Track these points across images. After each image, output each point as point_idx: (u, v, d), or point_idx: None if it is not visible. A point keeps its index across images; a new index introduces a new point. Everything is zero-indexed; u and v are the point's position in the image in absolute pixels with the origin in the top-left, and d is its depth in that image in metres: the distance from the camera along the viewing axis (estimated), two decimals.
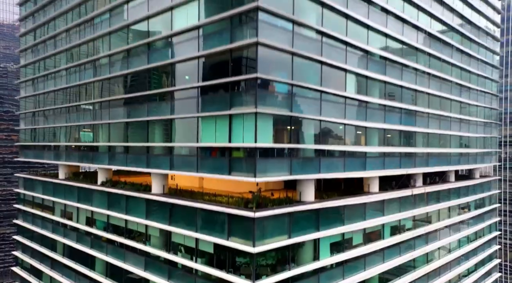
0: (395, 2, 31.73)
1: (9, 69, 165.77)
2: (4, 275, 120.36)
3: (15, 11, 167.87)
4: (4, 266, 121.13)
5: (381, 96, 31.07)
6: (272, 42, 21.76)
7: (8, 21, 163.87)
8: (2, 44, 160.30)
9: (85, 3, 35.12)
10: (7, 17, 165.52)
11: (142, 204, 29.14)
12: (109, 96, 32.63)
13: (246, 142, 21.60)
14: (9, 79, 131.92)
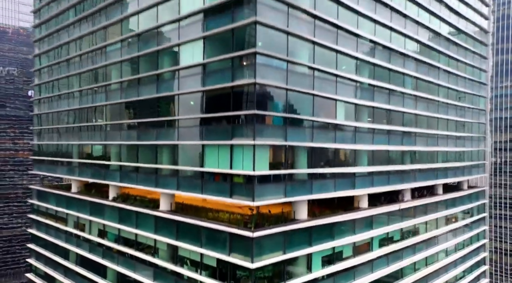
0: (384, 35, 34.54)
1: (16, 74, 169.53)
2: (15, 275, 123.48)
3: (21, 17, 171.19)
4: (12, 267, 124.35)
5: (369, 120, 33.90)
6: (268, 81, 24.64)
7: (14, 25, 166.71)
8: (7, 47, 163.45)
9: (96, 33, 38.04)
10: (12, 22, 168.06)
11: (151, 219, 32.01)
12: (121, 120, 35.54)
13: (245, 170, 24.46)
14: (14, 84, 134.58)
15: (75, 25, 41.37)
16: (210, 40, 27.14)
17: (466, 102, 49.62)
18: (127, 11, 34.06)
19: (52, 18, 45.68)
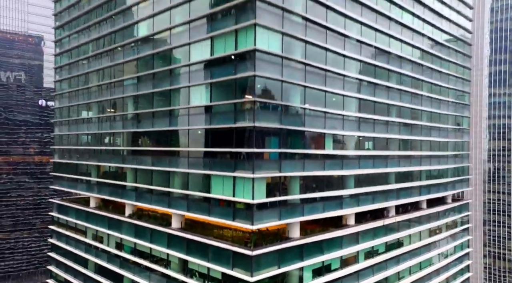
0: (370, 35, 39.01)
1: (23, 80, 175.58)
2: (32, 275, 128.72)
3: (30, 26, 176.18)
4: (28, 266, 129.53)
5: (356, 148, 38.53)
6: (265, 123, 29.32)
7: (23, 32, 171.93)
8: (15, 53, 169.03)
9: (114, 67, 42.86)
10: (22, 29, 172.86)
11: (164, 235, 36.73)
12: (137, 146, 40.33)
13: (246, 198, 29.14)
14: (25, 95, 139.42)
15: (95, 57, 46.20)
16: (216, 86, 31.86)
17: (449, 124, 54.18)
18: (145, 52, 38.77)
19: (73, 49, 50.53)
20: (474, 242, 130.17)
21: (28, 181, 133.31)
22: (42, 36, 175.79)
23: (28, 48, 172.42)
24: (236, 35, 29.71)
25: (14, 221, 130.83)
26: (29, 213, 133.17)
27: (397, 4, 42.61)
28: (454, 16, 53.41)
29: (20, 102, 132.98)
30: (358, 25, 37.99)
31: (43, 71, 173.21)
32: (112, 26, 42.90)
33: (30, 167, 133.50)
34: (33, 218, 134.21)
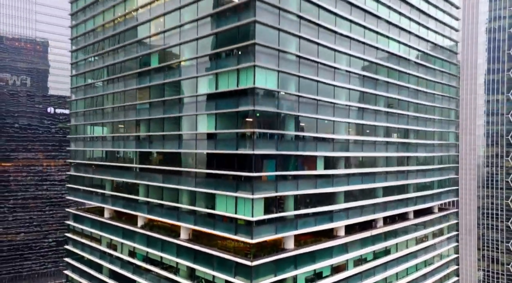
0: (358, 63, 43.44)
1: (28, 85, 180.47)
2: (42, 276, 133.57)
3: (38, 34, 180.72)
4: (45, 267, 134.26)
5: (346, 167, 42.90)
6: (263, 151, 33.73)
7: (29, 35, 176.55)
8: (21, 58, 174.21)
9: (127, 92, 47.38)
10: (29, 33, 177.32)
11: (173, 245, 41.20)
12: (148, 165, 44.82)
13: (246, 216, 33.58)
14: (35, 102, 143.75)
15: (110, 81, 50.76)
16: (220, 115, 36.31)
17: (436, 139, 58.48)
18: (157, 80, 43.26)
19: (88, 72, 55.09)
20: (469, 246, 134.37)
21: (38, 184, 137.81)
22: (48, 42, 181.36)
23: (34, 53, 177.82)
24: (238, 73, 34.16)
25: (25, 225, 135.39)
26: (39, 217, 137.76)
27: (384, 34, 46.93)
28: (440, 27, 57.55)
29: (29, 109, 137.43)
30: (346, 57, 42.34)
31: (48, 77, 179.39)
32: (126, 55, 47.42)
33: (39, 172, 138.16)
34: (42, 221, 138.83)
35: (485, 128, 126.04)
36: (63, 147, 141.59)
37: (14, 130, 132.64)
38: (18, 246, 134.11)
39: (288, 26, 35.36)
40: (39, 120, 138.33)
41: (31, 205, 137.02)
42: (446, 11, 58.59)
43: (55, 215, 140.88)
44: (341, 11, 40.73)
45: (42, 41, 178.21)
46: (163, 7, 42.11)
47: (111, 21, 49.83)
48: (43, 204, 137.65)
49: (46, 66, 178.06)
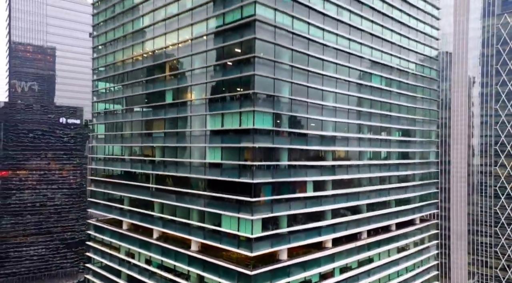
0: (344, 100, 50.64)
1: (36, 90, 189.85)
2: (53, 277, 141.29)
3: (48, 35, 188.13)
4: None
5: (333, 188, 49.98)
6: (261, 179, 40.90)
7: (40, 43, 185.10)
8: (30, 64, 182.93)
9: (144, 121, 54.62)
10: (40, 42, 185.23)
11: (185, 256, 48.39)
12: (163, 185, 52.07)
13: (246, 233, 40.77)
14: (48, 115, 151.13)
15: (128, 110, 58.07)
16: (225, 148, 43.54)
17: (417, 158, 65.53)
18: (171, 114, 50.50)
19: (108, 100, 62.48)
20: (460, 250, 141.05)
21: (49, 190, 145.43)
22: (55, 50, 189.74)
23: (44, 62, 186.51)
24: (240, 115, 41.37)
25: (37, 228, 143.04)
26: (51, 221, 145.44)
27: (370, 73, 54.10)
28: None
29: (42, 119, 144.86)
30: (333, 95, 49.49)
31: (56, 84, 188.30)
32: (143, 89, 54.73)
33: (51, 179, 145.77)
34: (54, 226, 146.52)
35: (472, 140, 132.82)
36: (74, 155, 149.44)
37: (29, 140, 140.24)
38: (31, 248, 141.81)
39: (281, 75, 42.57)
40: (51, 130, 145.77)
41: (44, 210, 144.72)
42: (426, 43, 65.72)
43: (65, 219, 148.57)
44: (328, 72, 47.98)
45: (50, 48, 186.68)
46: (177, 52, 49.41)
47: (130, 58, 57.14)
48: (55, 210, 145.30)
49: (53, 72, 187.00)
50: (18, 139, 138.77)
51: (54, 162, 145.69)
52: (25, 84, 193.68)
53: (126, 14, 57.54)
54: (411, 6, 61.81)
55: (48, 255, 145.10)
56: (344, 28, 50.22)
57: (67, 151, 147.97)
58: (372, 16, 54.45)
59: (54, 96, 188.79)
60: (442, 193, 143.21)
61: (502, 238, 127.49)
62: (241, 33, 40.96)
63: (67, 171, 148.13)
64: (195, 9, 46.41)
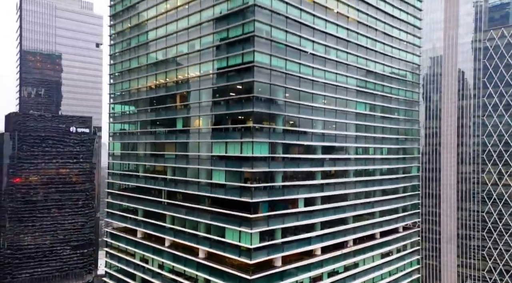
0: (331, 127, 58.33)
1: (42, 95, 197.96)
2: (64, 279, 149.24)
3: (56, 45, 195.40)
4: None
5: (322, 203, 57.61)
6: (259, 199, 48.59)
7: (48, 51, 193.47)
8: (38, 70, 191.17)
9: (156, 144, 62.36)
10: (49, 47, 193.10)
11: (194, 262, 56.09)
12: (174, 200, 59.76)
13: (246, 244, 48.47)
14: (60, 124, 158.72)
15: (142, 133, 65.83)
16: (229, 171, 51.24)
17: (401, 173, 73.15)
18: (181, 139, 58.24)
19: (124, 122, 70.24)
20: (449, 253, 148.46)
21: (60, 195, 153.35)
22: (61, 55, 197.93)
23: (51, 69, 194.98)
24: (241, 144, 49.07)
25: (48, 232, 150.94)
26: (61, 225, 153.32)
27: (355, 101, 61.75)
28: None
29: (54, 129, 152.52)
30: (322, 122, 57.17)
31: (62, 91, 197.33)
32: (156, 115, 62.47)
33: (62, 184, 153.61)
34: (64, 229, 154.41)
35: (460, 149, 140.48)
36: (82, 162, 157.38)
37: (42, 149, 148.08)
38: (44, 251, 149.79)
39: (277, 110, 50.28)
40: (62, 139, 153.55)
41: (54, 214, 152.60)
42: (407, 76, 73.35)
43: (74, 223, 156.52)
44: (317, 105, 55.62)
45: (58, 56, 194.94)
46: (187, 86, 57.18)
47: (144, 87, 64.92)
48: (66, 214, 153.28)
49: (59, 79, 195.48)
50: (32, 148, 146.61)
51: (64, 168, 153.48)
52: (32, 90, 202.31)
53: (140, 48, 65.31)
54: (393, 38, 69.46)
55: (58, 257, 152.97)
56: (331, 64, 57.90)
57: (76, 158, 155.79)
58: (357, 50, 62.10)
59: (60, 101, 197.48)
60: (433, 199, 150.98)
61: (489, 241, 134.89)
62: (242, 75, 48.68)
63: (76, 177, 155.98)
64: (202, 50, 54.17)
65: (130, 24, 67.08)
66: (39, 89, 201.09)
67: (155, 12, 61.56)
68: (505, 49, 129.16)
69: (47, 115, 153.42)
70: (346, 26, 59.82)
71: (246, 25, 48.00)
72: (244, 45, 48.16)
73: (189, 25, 55.94)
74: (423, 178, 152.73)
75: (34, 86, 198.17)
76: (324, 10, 56.27)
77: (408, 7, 72.89)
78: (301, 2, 52.76)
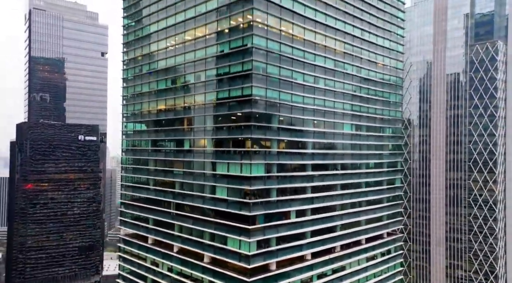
0: (321, 140, 66.38)
1: (48, 100, 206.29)
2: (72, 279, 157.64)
3: (64, 55, 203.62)
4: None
5: (312, 214, 65.55)
6: (257, 212, 56.62)
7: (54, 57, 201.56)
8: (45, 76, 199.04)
9: (166, 161, 70.41)
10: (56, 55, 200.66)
11: (199, 266, 64.11)
12: (181, 211, 67.79)
13: (245, 251, 56.52)
14: (64, 126, 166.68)
15: (153, 150, 73.86)
16: (230, 188, 59.29)
17: (385, 185, 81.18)
18: (188, 158, 66.26)
19: (136, 139, 78.30)
20: (438, 255, 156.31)
21: (69, 201, 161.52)
22: (68, 63, 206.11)
23: (58, 78, 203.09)
24: (241, 166, 57.10)
25: (58, 235, 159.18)
26: (70, 229, 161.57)
27: (342, 123, 69.80)
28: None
29: (63, 137, 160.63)
30: (311, 142, 65.20)
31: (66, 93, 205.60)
32: (166, 135, 70.54)
33: (71, 190, 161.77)
34: (72, 232, 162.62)
35: (449, 156, 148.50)
36: (90, 169, 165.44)
37: (53, 156, 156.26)
38: (53, 253, 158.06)
39: (272, 135, 58.33)
40: (71, 146, 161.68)
41: (64, 218, 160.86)
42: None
43: (82, 226, 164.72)
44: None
45: (63, 64, 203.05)
46: (192, 112, 65.29)
47: (155, 110, 72.98)
48: (73, 218, 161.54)
49: (66, 86, 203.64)
50: (43, 156, 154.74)
51: (73, 174, 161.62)
52: (37, 95, 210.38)
53: (151, 75, 73.36)
54: (376, 64, 77.53)
55: (67, 259, 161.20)
56: (319, 91, 65.97)
57: (84, 165, 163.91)
58: (343, 78, 70.18)
59: (65, 109, 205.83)
60: (423, 203, 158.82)
61: (475, 244, 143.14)
62: (241, 106, 56.67)
63: (84, 183, 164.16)
64: (207, 82, 62.22)
65: (142, 53, 75.09)
66: (44, 94, 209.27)
67: (165, 45, 69.62)
68: (489, 63, 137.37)
69: (57, 124, 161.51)
70: (333, 58, 67.86)
71: (245, 64, 56.01)
72: (244, 80, 56.21)
73: (195, 58, 63.99)
74: (414, 184, 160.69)
75: (41, 92, 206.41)
76: (313, 45, 64.29)
77: (391, 35, 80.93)
78: (292, 41, 60.81)
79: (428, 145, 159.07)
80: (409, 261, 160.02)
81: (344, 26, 69.56)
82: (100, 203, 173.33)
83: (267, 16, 56.52)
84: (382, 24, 78.25)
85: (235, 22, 57.59)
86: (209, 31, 61.83)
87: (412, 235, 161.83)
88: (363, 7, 73.32)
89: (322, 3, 65.38)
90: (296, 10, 60.57)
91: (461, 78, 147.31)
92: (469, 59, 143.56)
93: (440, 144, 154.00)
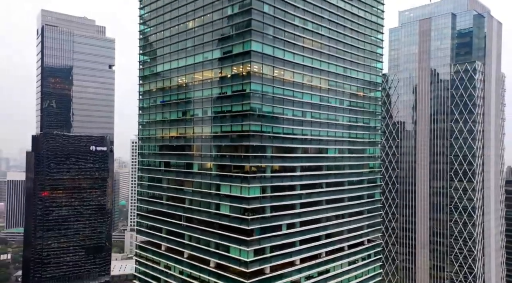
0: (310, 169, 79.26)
1: (54, 106, 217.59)
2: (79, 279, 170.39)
3: (74, 68, 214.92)
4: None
5: (300, 226, 78.22)
6: (254, 226, 69.39)
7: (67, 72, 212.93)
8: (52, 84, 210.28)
9: (177, 181, 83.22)
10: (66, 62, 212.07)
11: (206, 270, 76.77)
12: (191, 224, 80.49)
13: (245, 258, 69.29)
14: (76, 137, 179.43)
15: (165, 170, 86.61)
16: (232, 206, 72.01)
17: (366, 199, 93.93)
18: (196, 179, 79.02)
19: (150, 160, 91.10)
20: (423, 257, 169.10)
21: (81, 206, 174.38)
22: (72, 67, 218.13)
23: (67, 86, 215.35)
24: (241, 188, 69.81)
25: (71, 239, 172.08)
26: (82, 233, 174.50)
27: (327, 149, 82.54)
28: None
29: (76, 148, 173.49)
30: (299, 166, 77.88)
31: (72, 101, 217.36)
32: (177, 158, 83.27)
33: (84, 198, 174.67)
34: (84, 236, 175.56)
35: (433, 166, 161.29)
36: (100, 177, 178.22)
37: (67, 166, 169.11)
38: (66, 254, 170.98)
39: (266, 162, 71.04)
40: (83, 156, 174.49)
41: (77, 223, 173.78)
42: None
43: (93, 231, 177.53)
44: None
45: (73, 76, 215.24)
46: (200, 140, 78.02)
47: (168, 136, 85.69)
48: (85, 223, 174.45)
49: (73, 98, 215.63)
50: (57, 165, 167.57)
51: (85, 182, 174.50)
52: (45, 103, 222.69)
53: (164, 106, 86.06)
54: (358, 96, 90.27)
55: (80, 261, 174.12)
56: (307, 123, 78.66)
57: (95, 174, 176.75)
58: (328, 110, 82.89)
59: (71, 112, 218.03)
60: (409, 209, 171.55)
61: (455, 247, 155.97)
62: (241, 139, 69.34)
63: (95, 190, 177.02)
64: (213, 116, 74.94)
65: (156, 87, 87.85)
66: (52, 102, 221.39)
67: (177, 82, 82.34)
68: (468, 82, 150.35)
69: (71, 135, 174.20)
70: (318, 94, 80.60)
71: (244, 105, 68.72)
72: (243, 118, 68.88)
73: (202, 96, 76.74)
74: (401, 191, 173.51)
75: (46, 98, 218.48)
76: (301, 85, 77.04)
77: (371, 69, 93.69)
78: (283, 83, 73.54)
79: (414, 156, 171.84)
80: (396, 263, 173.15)
81: (328, 66, 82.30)
82: (109, 208, 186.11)
83: (262, 66, 69.20)
84: (362, 61, 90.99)
85: (236, 70, 70.30)
86: (214, 74, 74.59)
87: (399, 238, 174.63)
88: (345, 48, 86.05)
89: (309, 49, 78.08)
90: (286, 58, 73.29)
91: (443, 95, 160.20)
92: (450, 77, 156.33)
93: (425, 155, 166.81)
